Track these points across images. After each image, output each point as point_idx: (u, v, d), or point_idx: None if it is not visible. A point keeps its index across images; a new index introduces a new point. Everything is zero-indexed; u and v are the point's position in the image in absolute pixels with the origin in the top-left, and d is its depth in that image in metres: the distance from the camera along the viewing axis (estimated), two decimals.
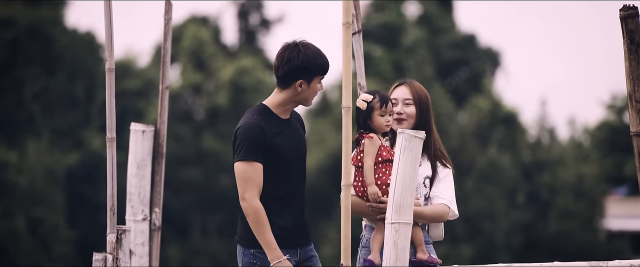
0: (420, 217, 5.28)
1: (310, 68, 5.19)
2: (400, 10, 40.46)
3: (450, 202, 5.34)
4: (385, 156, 5.30)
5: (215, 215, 35.36)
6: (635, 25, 5.57)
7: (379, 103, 5.34)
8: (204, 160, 35.32)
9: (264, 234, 5.12)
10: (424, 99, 5.45)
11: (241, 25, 39.31)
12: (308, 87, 5.24)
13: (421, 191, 5.37)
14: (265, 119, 5.23)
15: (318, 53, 5.23)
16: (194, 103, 36.49)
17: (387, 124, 5.33)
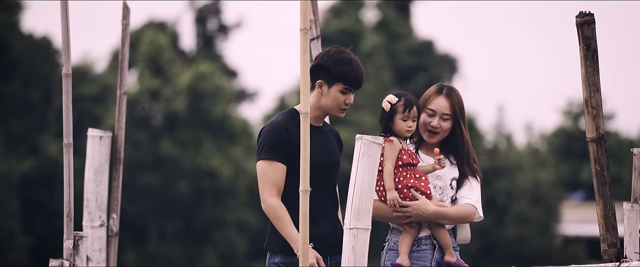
0: (444, 218, 5.18)
1: (331, 70, 5.11)
2: (358, 16, 40.55)
3: (476, 203, 5.24)
4: (405, 160, 5.22)
5: (172, 221, 35.21)
6: (591, 32, 5.62)
7: (403, 107, 5.20)
8: (162, 166, 35.16)
9: (285, 227, 5.03)
10: (462, 111, 5.27)
11: (199, 31, 39.21)
12: (328, 91, 5.14)
13: (448, 192, 5.27)
14: (292, 121, 5.16)
15: (348, 61, 5.11)
16: (152, 109, 36.33)
17: (409, 130, 5.21)
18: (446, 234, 5.22)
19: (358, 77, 5.13)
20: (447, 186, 5.27)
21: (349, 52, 5.17)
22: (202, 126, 35.93)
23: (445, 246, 5.22)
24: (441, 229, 5.22)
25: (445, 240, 5.22)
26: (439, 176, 5.28)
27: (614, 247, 5.66)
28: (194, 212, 35.31)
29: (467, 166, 5.27)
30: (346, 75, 5.10)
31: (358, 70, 5.13)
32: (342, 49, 5.17)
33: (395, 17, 40.59)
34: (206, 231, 35.21)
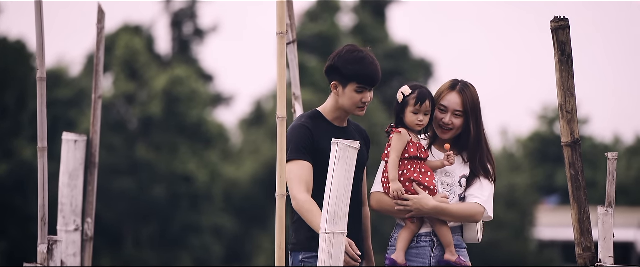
0: (445, 214, 5.08)
1: (343, 71, 5.07)
2: (334, 21, 40.59)
3: (485, 203, 5.13)
4: (412, 153, 5.15)
5: (148, 225, 35.10)
6: (566, 36, 5.64)
7: (415, 101, 5.13)
8: (137, 170, 35.06)
9: (315, 219, 4.97)
10: (475, 108, 5.15)
11: (175, 35, 39.12)
12: (343, 91, 5.11)
13: (456, 190, 5.18)
14: (315, 122, 5.15)
15: (360, 60, 5.06)
16: (127, 113, 36.22)
17: (419, 123, 5.14)
18: (447, 232, 5.12)
19: (371, 74, 5.06)
20: (455, 183, 5.18)
21: (362, 50, 5.10)
22: (178, 130, 35.84)
23: (446, 243, 5.12)
24: (443, 227, 5.13)
25: (446, 238, 5.12)
26: (448, 172, 5.19)
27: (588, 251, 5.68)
28: (169, 217, 35.22)
29: (480, 164, 5.16)
30: (359, 74, 5.05)
31: (371, 68, 5.06)
32: (354, 48, 5.11)
33: (371, 22, 40.66)
34: (182, 235, 35.12)
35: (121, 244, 34.93)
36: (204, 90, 37.46)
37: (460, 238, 5.20)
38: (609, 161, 5.66)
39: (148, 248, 34.77)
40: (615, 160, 5.64)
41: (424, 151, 5.17)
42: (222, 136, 38.38)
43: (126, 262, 34.04)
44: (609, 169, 5.66)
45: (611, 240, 5.63)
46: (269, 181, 35.02)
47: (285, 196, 5.00)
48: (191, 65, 38.37)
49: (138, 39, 36.87)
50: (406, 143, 5.15)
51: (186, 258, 34.81)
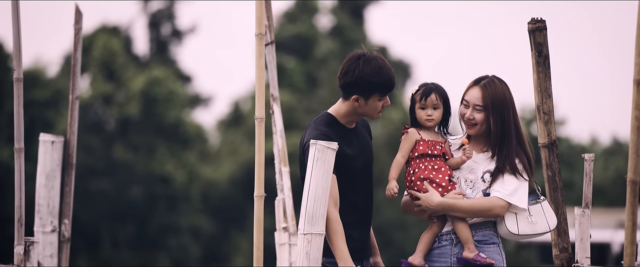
0: (454, 210, 5.03)
1: (364, 86, 5.01)
2: (312, 22, 40.59)
3: (508, 196, 5.02)
4: (422, 150, 5.11)
5: (125, 226, 35.00)
6: (542, 38, 5.67)
7: (420, 96, 5.13)
8: (115, 171, 34.95)
9: (337, 243, 4.95)
10: (497, 103, 5.07)
11: (152, 36, 39.02)
12: (365, 103, 5.06)
13: (479, 186, 5.11)
14: (332, 128, 5.10)
15: (378, 70, 5.00)
16: (105, 113, 36.10)
17: (428, 118, 5.11)
18: (464, 228, 5.05)
19: (391, 81, 5.03)
20: (478, 179, 5.11)
21: (375, 57, 5.06)
22: (156, 131, 35.76)
23: (464, 240, 5.06)
24: (459, 223, 5.07)
25: (463, 234, 5.05)
26: (472, 169, 5.14)
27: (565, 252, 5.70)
28: (146, 218, 35.13)
29: (507, 160, 5.06)
30: (378, 85, 5.01)
31: (389, 74, 5.03)
32: (368, 57, 5.05)
33: (349, 23, 40.69)
34: (159, 236, 35.04)
35: (98, 245, 34.81)
36: (182, 91, 37.38)
37: (491, 233, 5.11)
38: (586, 162, 5.68)
39: (125, 249, 34.67)
40: (592, 161, 5.66)
41: (438, 148, 5.11)
42: (200, 137, 38.31)
43: (103, 263, 33.93)
44: (586, 170, 5.69)
45: (588, 241, 5.65)
46: (247, 182, 34.99)
47: (263, 197, 5.00)
48: (169, 66, 38.29)
49: (116, 39, 36.76)
50: (414, 142, 5.12)
51: (164, 259, 34.73)
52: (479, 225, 5.10)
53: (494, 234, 5.12)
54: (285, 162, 6.96)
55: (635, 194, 4.59)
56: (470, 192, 5.11)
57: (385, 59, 5.10)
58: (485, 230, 5.11)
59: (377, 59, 5.05)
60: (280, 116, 7.01)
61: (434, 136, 5.17)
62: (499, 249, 5.13)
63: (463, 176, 5.14)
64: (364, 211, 5.17)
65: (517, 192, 5.04)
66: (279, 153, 6.98)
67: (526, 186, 5.09)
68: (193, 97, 39.37)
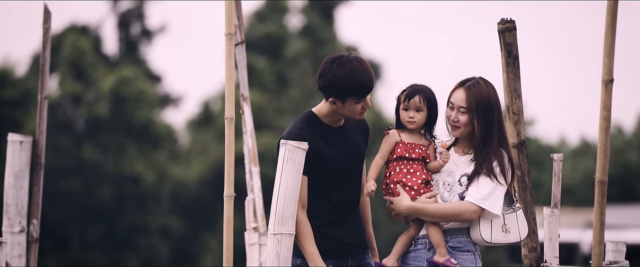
0: (422, 213, 4.99)
1: (338, 90, 4.95)
2: (282, 22, 40.57)
3: (480, 200, 4.94)
4: (399, 153, 5.07)
5: (94, 226, 34.84)
6: (512, 38, 5.69)
7: (404, 97, 5.07)
8: (84, 171, 34.78)
9: (305, 245, 4.96)
10: (482, 106, 4.99)
11: (122, 35, 38.86)
12: (343, 105, 5.00)
13: (456, 189, 5.04)
14: (310, 127, 5.05)
15: (351, 74, 4.92)
16: (74, 113, 35.93)
17: (410, 120, 5.06)
18: (435, 232, 5.00)
19: (366, 84, 4.96)
20: (455, 183, 5.05)
21: (350, 59, 4.97)
22: (125, 131, 35.62)
23: (435, 244, 5.01)
24: (432, 227, 5.02)
25: (434, 238, 5.01)
26: (451, 172, 5.08)
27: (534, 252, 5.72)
28: (116, 218, 34.98)
29: (485, 164, 4.98)
30: (356, 89, 4.95)
31: (365, 77, 4.95)
32: (343, 60, 4.96)
33: (319, 23, 40.70)
34: (129, 236, 34.91)
35: (67, 246, 34.64)
36: (151, 91, 37.25)
37: (467, 240, 5.04)
38: (555, 162, 5.71)
39: (95, 249, 34.51)
40: (561, 161, 5.69)
41: (416, 151, 5.07)
42: (170, 137, 38.19)
43: (72, 264, 33.77)
44: (555, 170, 5.72)
45: (557, 240, 5.68)
46: (217, 182, 34.91)
47: (233, 197, 4.99)
48: (139, 65, 38.16)
49: (85, 39, 36.58)
50: (393, 144, 5.08)
51: (133, 259, 34.60)
52: (454, 231, 5.05)
53: (469, 241, 5.04)
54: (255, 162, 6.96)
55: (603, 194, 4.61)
56: (448, 195, 5.05)
57: (363, 61, 5.00)
58: (461, 236, 5.04)
59: (353, 62, 4.96)
60: (250, 116, 7.00)
61: (417, 139, 5.12)
62: (474, 257, 5.05)
63: (442, 179, 5.10)
64: (346, 211, 5.12)
65: (491, 196, 4.97)
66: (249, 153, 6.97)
67: (502, 191, 5.01)
68: (163, 97, 39.25)
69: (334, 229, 5.10)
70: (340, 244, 5.11)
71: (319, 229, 5.06)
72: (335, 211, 5.10)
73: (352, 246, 5.15)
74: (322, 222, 5.07)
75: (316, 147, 5.01)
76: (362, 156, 5.18)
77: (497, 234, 5.00)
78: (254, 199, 6.93)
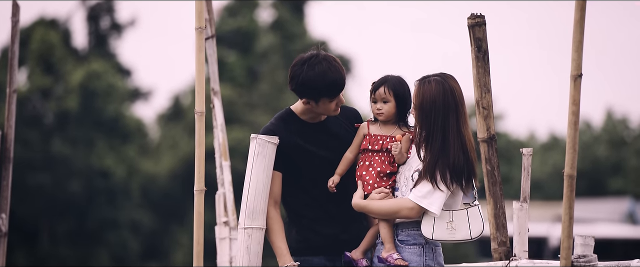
0: (366, 210, 5.00)
1: (310, 91, 4.96)
2: (253, 16, 40.51)
3: (419, 198, 4.92)
4: (363, 146, 5.07)
5: (64, 221, 34.68)
6: (482, 33, 5.71)
7: (371, 90, 5.08)
8: (53, 165, 34.61)
9: (273, 240, 4.96)
10: (426, 107, 4.92)
11: (91, 29, 38.67)
12: (316, 105, 5.02)
13: (409, 184, 5.02)
14: (286, 124, 5.05)
15: (322, 75, 4.91)
16: (43, 107, 35.73)
17: (377, 112, 5.05)
18: (382, 228, 4.98)
19: (338, 83, 4.95)
20: (409, 178, 5.04)
21: (320, 59, 4.95)
22: (95, 125, 35.47)
23: (382, 239, 5.00)
24: (381, 222, 5.01)
25: (381, 233, 5.00)
26: (411, 167, 5.05)
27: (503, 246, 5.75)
28: (86, 212, 34.83)
29: (428, 164, 4.92)
30: (328, 89, 4.95)
31: (335, 76, 4.94)
32: (313, 61, 4.94)
33: (290, 18, 40.67)
34: (98, 231, 34.78)
35: (36, 240, 34.46)
36: (121, 85, 37.11)
37: (416, 234, 5.00)
38: (524, 157, 5.74)
39: (64, 244, 34.36)
40: (530, 155, 5.72)
41: (381, 143, 5.04)
42: (140, 131, 38.06)
43: (41, 259, 33.61)
44: (524, 164, 5.74)
45: (526, 234, 5.70)
46: (187, 176, 34.85)
47: (203, 191, 4.98)
48: (108, 59, 38.00)
49: (54, 32, 36.38)
50: (362, 137, 5.09)
51: (103, 254, 34.48)
52: (405, 224, 5.03)
53: (420, 234, 5.00)
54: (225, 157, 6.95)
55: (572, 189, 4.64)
56: (405, 189, 5.04)
57: (334, 60, 4.98)
58: (411, 230, 5.02)
59: (323, 63, 4.95)
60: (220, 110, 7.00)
61: (389, 130, 5.10)
62: (422, 250, 5.01)
63: (404, 172, 5.09)
64: (329, 207, 5.09)
65: (432, 195, 4.92)
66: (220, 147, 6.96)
67: (441, 192, 4.94)
68: (133, 91, 39.11)
69: (322, 224, 5.07)
70: (332, 240, 5.08)
71: (307, 226, 5.05)
72: (321, 206, 5.08)
73: (347, 242, 5.11)
74: (310, 218, 5.07)
75: (292, 143, 5.01)
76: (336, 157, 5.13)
77: (441, 231, 4.97)
78: (225, 194, 6.92)
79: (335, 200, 5.11)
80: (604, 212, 39.20)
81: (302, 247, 5.07)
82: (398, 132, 5.11)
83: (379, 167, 5.03)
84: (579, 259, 4.99)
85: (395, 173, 5.08)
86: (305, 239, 5.06)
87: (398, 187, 5.07)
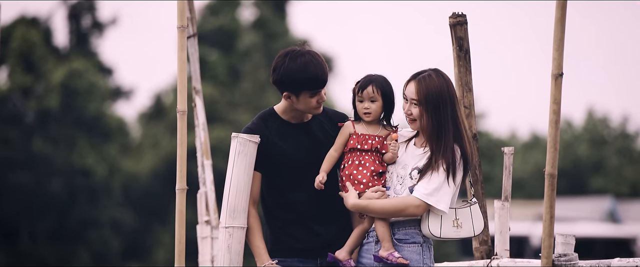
0: (367, 210, 4.93)
1: (291, 84, 4.91)
2: (235, 15, 40.47)
3: (426, 195, 4.85)
4: (351, 145, 5.01)
5: (45, 220, 34.57)
6: (463, 32, 5.72)
7: (358, 88, 5.00)
8: (34, 164, 34.49)
9: (253, 240, 4.94)
10: (433, 99, 4.88)
11: (72, 28, 38.54)
12: (297, 100, 4.97)
13: (407, 183, 4.97)
14: (266, 123, 5.01)
15: (303, 67, 4.88)
16: (24, 106, 35.60)
17: (365, 111, 4.99)
18: (380, 226, 4.94)
19: (320, 77, 4.92)
20: (407, 176, 4.97)
21: (303, 52, 4.93)
22: (76, 124, 35.36)
23: (380, 238, 4.95)
24: (378, 221, 4.96)
25: (379, 232, 4.95)
26: (405, 164, 5.01)
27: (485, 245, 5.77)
28: (67, 211, 34.73)
29: (436, 159, 4.88)
30: (309, 82, 4.91)
31: (317, 70, 4.91)
32: (296, 53, 4.92)
33: (272, 16, 40.65)
34: (80, 230, 34.68)
35: (17, 239, 34.34)
36: (102, 84, 37.01)
37: (414, 232, 4.97)
38: (506, 156, 5.75)
39: (45, 243, 34.25)
40: (512, 154, 5.73)
41: (371, 142, 5.00)
42: (122, 130, 37.98)
43: (22, 258, 33.49)
44: (506, 163, 5.76)
45: (507, 233, 5.72)
46: (169, 175, 34.78)
47: (185, 190, 4.98)
48: (90, 58, 37.89)
49: (35, 31, 36.25)
50: (348, 135, 5.03)
51: (84, 253, 34.38)
52: (402, 223, 4.99)
53: (418, 233, 4.97)
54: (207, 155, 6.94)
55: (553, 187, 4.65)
56: (400, 188, 4.99)
57: (317, 55, 4.96)
58: (408, 228, 4.98)
59: (305, 55, 4.92)
60: (202, 109, 6.99)
61: (375, 129, 5.06)
62: (420, 249, 4.98)
63: (396, 171, 5.04)
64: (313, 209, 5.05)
65: (439, 192, 4.88)
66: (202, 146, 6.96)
67: (450, 187, 4.91)
68: (114, 89, 39.01)
69: (297, 227, 5.03)
70: (307, 243, 5.04)
71: (282, 228, 5.02)
72: (296, 208, 5.03)
73: (322, 246, 5.05)
74: (284, 221, 5.03)
75: (271, 142, 4.99)
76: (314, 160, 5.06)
77: (448, 229, 4.94)
78: (206, 192, 6.92)
79: (315, 203, 5.07)
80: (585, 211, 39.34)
81: (276, 249, 5.04)
82: (383, 131, 5.08)
83: (372, 166, 4.99)
84: (560, 258, 5.00)
85: (385, 172, 5.05)
86: (278, 241, 5.04)
87: (389, 187, 5.02)
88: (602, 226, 37.32)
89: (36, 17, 37.62)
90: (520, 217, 34.59)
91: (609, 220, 39.96)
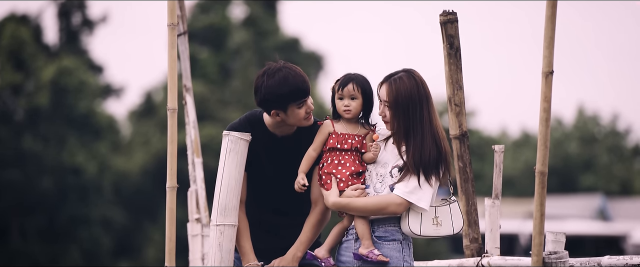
0: (349, 209, 4.94)
1: (275, 100, 4.91)
2: (225, 13, 40.44)
3: (407, 194, 4.89)
4: (331, 144, 5.01)
5: (35, 218, 34.52)
6: (454, 30, 5.73)
7: (338, 86, 5.00)
8: (24, 162, 34.43)
9: (239, 239, 4.99)
10: (403, 101, 4.91)
11: (62, 25, 38.47)
12: (286, 114, 4.97)
13: (387, 181, 4.98)
14: (253, 127, 5.04)
15: (283, 81, 4.89)
16: (13, 103, 35.54)
17: (345, 109, 4.99)
18: (360, 224, 4.95)
19: (300, 88, 4.93)
20: (387, 174, 4.98)
21: (279, 68, 4.94)
22: (66, 122, 35.30)
23: (360, 235, 4.96)
24: (358, 219, 4.96)
25: (359, 229, 4.95)
26: (385, 163, 5.01)
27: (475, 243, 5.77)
28: (57, 209, 34.68)
29: (413, 159, 4.91)
30: (291, 96, 4.92)
31: (297, 80, 4.92)
32: (272, 70, 4.94)
33: (262, 14, 40.63)
34: (70, 228, 34.63)
35: (7, 237, 34.28)
36: (93, 81, 36.96)
37: (394, 229, 4.98)
38: (496, 154, 5.76)
39: (35, 241, 34.20)
40: (502, 152, 5.74)
41: (350, 142, 5.01)
42: (112, 128, 37.92)
43: (12, 256, 33.43)
44: (496, 161, 5.76)
45: (498, 231, 5.72)
46: (160, 173, 34.75)
47: (175, 188, 4.97)
48: (80, 56, 37.83)
49: (24, 28, 36.18)
50: (327, 134, 5.03)
51: (75, 251, 34.33)
52: (382, 221, 4.99)
53: (397, 230, 4.99)
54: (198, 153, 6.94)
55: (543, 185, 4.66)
56: (380, 186, 5.00)
57: (293, 67, 4.98)
58: (388, 226, 4.98)
59: (282, 70, 4.94)
60: (193, 107, 6.98)
61: (354, 128, 5.07)
62: (400, 246, 4.99)
63: (375, 169, 5.05)
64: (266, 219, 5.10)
65: (418, 190, 4.91)
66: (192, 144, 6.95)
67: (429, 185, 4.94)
68: (104, 87, 38.96)
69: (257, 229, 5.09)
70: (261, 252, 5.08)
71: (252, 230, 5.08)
72: (258, 213, 5.10)
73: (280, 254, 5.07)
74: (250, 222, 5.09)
75: (252, 150, 5.02)
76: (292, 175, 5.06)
77: (428, 227, 4.97)
78: (197, 190, 6.91)
79: (273, 213, 5.11)
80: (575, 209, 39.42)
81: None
82: (362, 130, 5.09)
83: (352, 166, 5.00)
84: (550, 256, 5.01)
85: (364, 172, 5.06)
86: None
87: (369, 185, 5.03)
88: (592, 224, 37.40)
89: (26, 14, 37.55)
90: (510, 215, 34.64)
91: (599, 218, 40.05)
